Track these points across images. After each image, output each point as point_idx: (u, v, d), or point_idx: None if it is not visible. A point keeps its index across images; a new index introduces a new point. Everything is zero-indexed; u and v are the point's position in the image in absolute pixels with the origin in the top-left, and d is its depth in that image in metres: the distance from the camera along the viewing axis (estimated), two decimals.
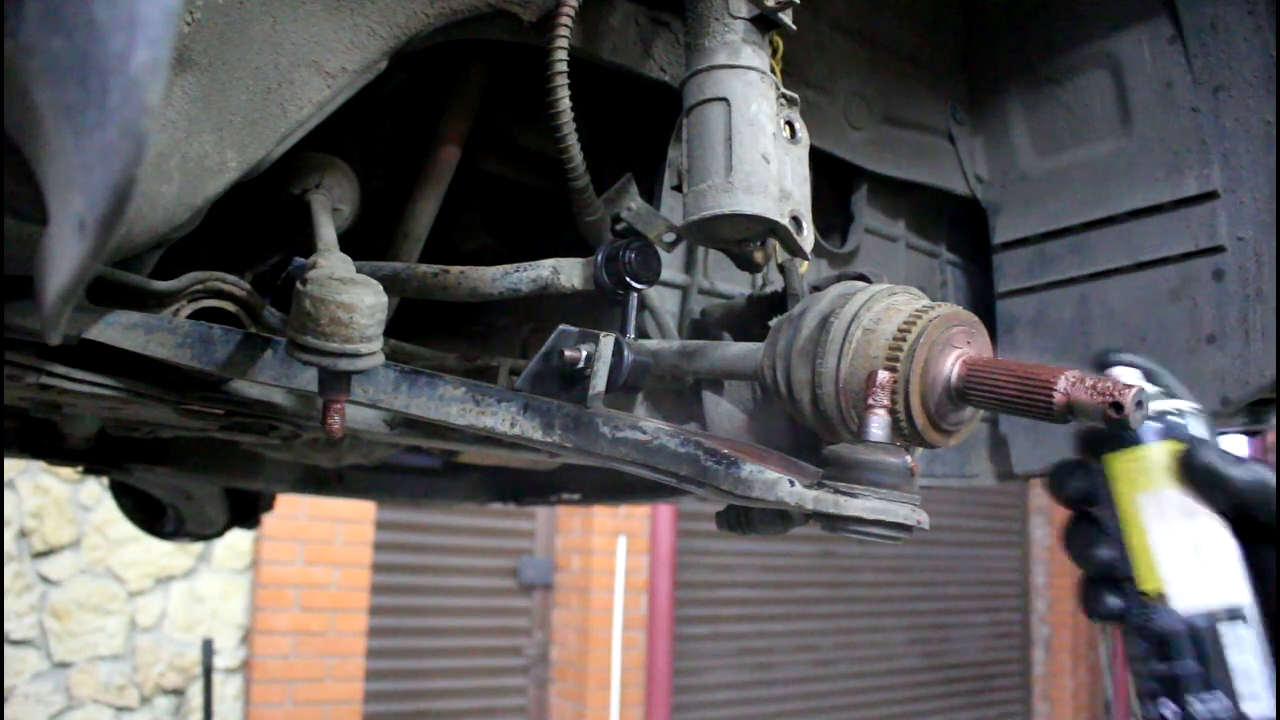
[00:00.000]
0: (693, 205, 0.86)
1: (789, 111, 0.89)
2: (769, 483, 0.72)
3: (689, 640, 6.10)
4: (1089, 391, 0.65)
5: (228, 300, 0.96)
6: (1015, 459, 1.48)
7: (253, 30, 0.79)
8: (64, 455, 1.70)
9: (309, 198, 1.04)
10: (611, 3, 1.02)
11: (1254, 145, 1.20)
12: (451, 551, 5.44)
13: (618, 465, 0.81)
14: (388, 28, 0.87)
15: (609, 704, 5.54)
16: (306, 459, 1.63)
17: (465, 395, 0.86)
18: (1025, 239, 1.44)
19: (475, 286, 0.98)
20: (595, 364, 0.85)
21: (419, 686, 5.25)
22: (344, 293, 0.76)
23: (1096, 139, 1.36)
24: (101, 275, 0.87)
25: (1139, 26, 1.29)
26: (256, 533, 4.46)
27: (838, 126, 1.30)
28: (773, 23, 0.87)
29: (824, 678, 6.71)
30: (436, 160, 1.17)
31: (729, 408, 1.00)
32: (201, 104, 0.77)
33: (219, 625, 4.60)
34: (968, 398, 0.73)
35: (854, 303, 0.79)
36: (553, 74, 0.88)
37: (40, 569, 4.24)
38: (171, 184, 0.77)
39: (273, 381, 0.88)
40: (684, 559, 6.07)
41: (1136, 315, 1.32)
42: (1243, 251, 1.22)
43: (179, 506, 2.22)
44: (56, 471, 4.15)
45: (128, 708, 4.39)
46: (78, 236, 0.43)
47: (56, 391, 0.95)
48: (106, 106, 0.39)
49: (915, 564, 7.17)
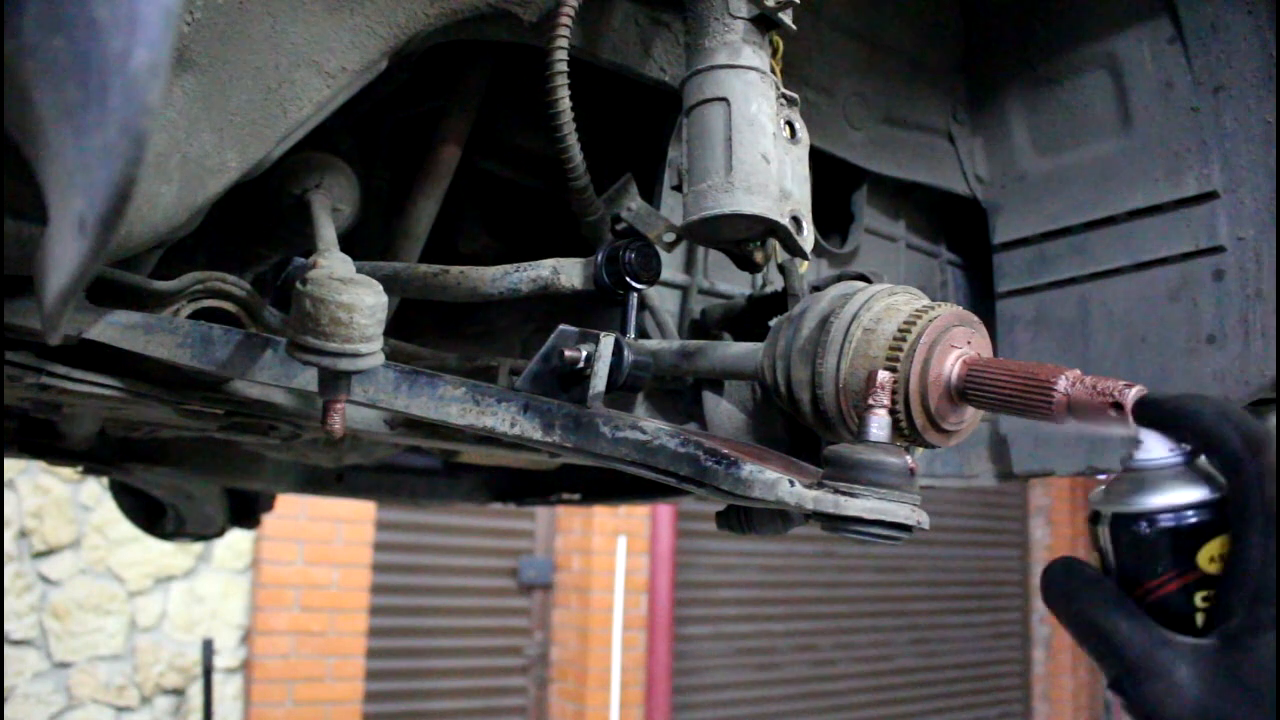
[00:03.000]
0: (693, 205, 0.86)
1: (789, 111, 0.89)
2: (769, 483, 0.72)
3: (689, 640, 6.10)
4: (1089, 391, 0.64)
5: (228, 300, 0.96)
6: (1015, 459, 1.48)
7: (253, 30, 0.79)
8: (64, 455, 1.70)
9: (309, 198, 1.04)
10: (611, 3, 1.02)
11: (1254, 145, 1.20)
12: (451, 551, 5.44)
13: (618, 465, 0.81)
14: (388, 28, 0.87)
15: (609, 704, 5.54)
16: (306, 459, 1.63)
17: (465, 395, 0.86)
18: (1025, 239, 1.44)
19: (475, 286, 0.98)
20: (595, 364, 0.85)
21: (419, 686, 5.25)
22: (344, 293, 0.76)
23: (1096, 139, 1.36)
24: (101, 275, 0.87)
25: (1139, 26, 1.29)
26: (256, 533, 4.46)
27: (838, 126, 1.30)
28: (773, 23, 0.87)
29: (824, 678, 6.70)
30: (436, 160, 1.17)
31: (729, 408, 1.00)
32: (201, 104, 0.77)
33: (219, 625, 4.60)
34: (968, 398, 0.73)
35: (854, 303, 0.79)
36: (553, 74, 0.88)
37: (40, 569, 4.24)
38: (171, 184, 0.77)
39: (273, 381, 0.88)
40: (684, 559, 6.07)
41: (1136, 315, 1.32)
42: (1243, 251, 1.22)
43: (179, 506, 2.22)
44: (56, 471, 4.15)
45: (128, 708, 4.39)
46: (78, 236, 0.43)
47: (56, 391, 0.95)
48: (106, 106, 0.39)
49: (915, 564, 7.17)
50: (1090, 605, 0.57)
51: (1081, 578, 0.59)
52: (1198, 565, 0.56)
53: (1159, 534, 0.57)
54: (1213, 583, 0.56)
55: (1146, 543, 0.57)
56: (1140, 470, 0.59)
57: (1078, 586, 0.59)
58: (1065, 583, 0.59)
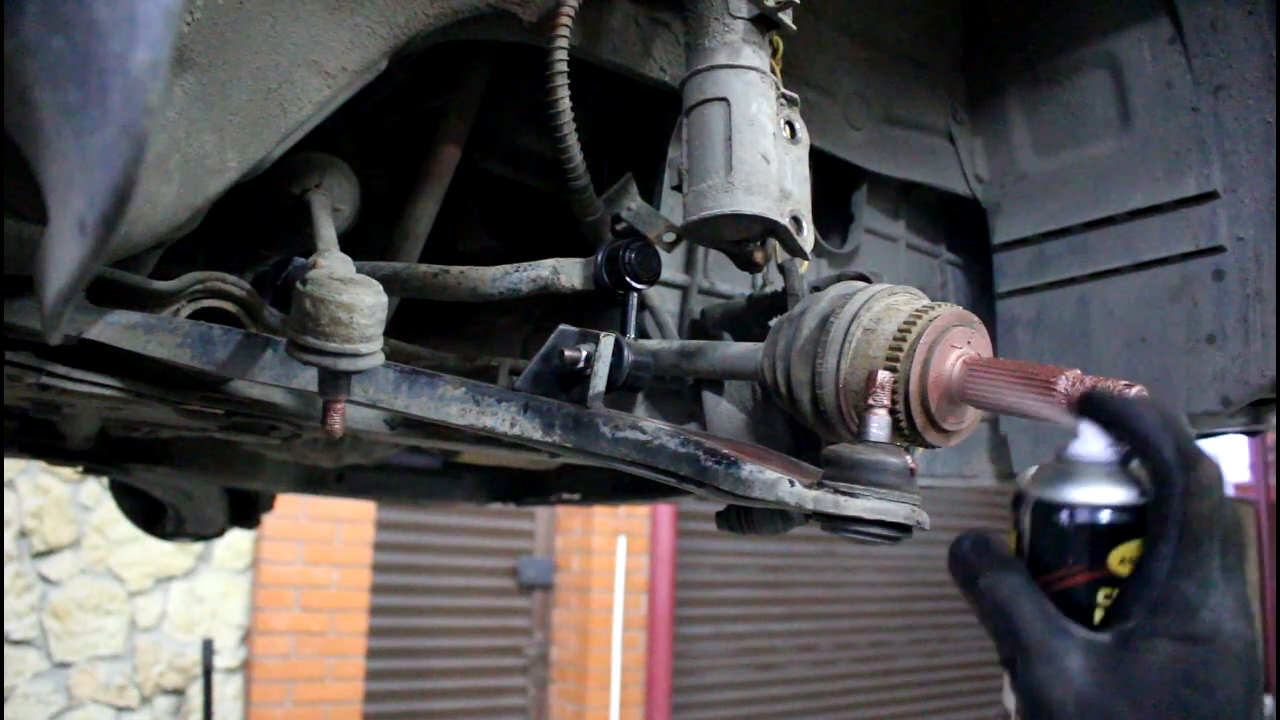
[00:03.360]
0: (693, 205, 0.86)
1: (789, 111, 0.88)
2: (769, 483, 0.72)
3: (689, 640, 6.10)
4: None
5: (228, 300, 0.96)
6: (1015, 459, 1.48)
7: (253, 30, 0.79)
8: (64, 455, 1.70)
9: (309, 198, 1.04)
10: (611, 3, 1.02)
11: (1254, 145, 1.20)
12: (451, 551, 5.44)
13: (618, 465, 0.81)
14: (388, 28, 0.87)
15: (609, 704, 5.54)
16: (306, 459, 1.63)
17: (465, 395, 0.86)
18: (1025, 239, 1.44)
19: (475, 286, 0.98)
20: (595, 364, 0.85)
21: (419, 686, 5.25)
22: (344, 293, 0.76)
23: (1096, 139, 1.36)
24: (101, 275, 0.87)
25: (1139, 26, 1.29)
26: (256, 533, 4.45)
27: (838, 126, 1.30)
28: (773, 23, 0.87)
29: (824, 678, 6.70)
30: (436, 160, 1.17)
31: (729, 408, 1.00)
32: (201, 104, 0.77)
33: (219, 625, 4.60)
34: (968, 398, 0.73)
35: (854, 303, 0.79)
36: (553, 74, 0.88)
37: (40, 569, 4.24)
38: (171, 184, 0.77)
39: (273, 381, 0.88)
40: (684, 559, 6.06)
41: (1136, 315, 1.32)
42: (1243, 251, 1.22)
43: (179, 506, 2.22)
44: (56, 471, 4.15)
45: (128, 708, 4.39)
46: (78, 236, 0.43)
47: (56, 391, 0.95)
48: (106, 106, 0.39)
49: (915, 564, 7.17)
50: (996, 583, 0.59)
51: (990, 555, 0.60)
52: (1107, 564, 0.57)
53: (1076, 527, 0.58)
54: (1118, 583, 0.57)
55: (1063, 533, 0.58)
56: (1072, 462, 0.59)
57: (986, 563, 0.60)
58: (973, 558, 0.61)
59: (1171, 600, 0.54)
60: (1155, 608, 0.55)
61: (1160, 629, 0.54)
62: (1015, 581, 0.58)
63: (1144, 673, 0.53)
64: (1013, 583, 0.58)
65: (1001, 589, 0.58)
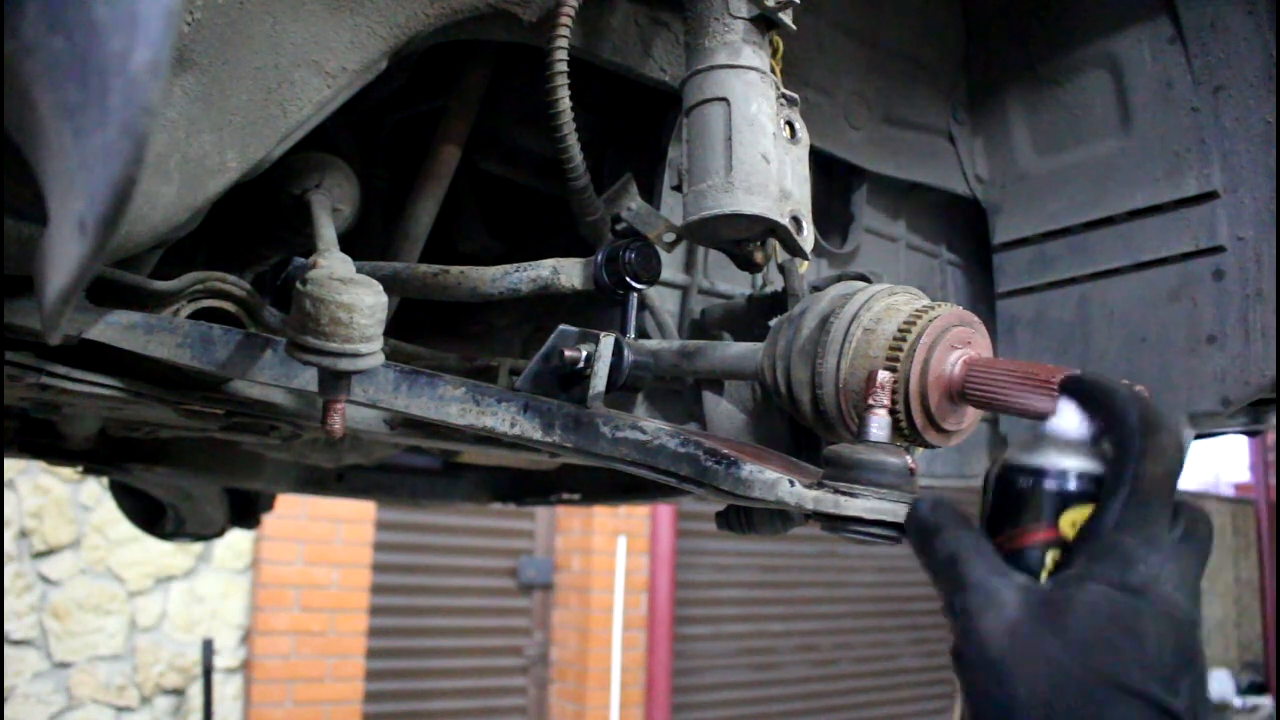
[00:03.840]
0: (693, 205, 0.86)
1: (789, 111, 0.88)
2: (769, 483, 0.72)
3: (689, 640, 6.10)
4: None
5: (228, 300, 0.96)
6: None
7: (253, 30, 0.79)
8: (64, 455, 1.70)
9: (309, 198, 1.04)
10: (611, 3, 1.02)
11: (1254, 145, 1.20)
12: (451, 551, 5.44)
13: (618, 465, 0.81)
14: (388, 28, 0.87)
15: (609, 704, 5.54)
16: (306, 459, 1.63)
17: (465, 395, 0.86)
18: (1025, 239, 1.44)
19: (475, 286, 0.98)
20: (595, 364, 0.85)
21: (419, 686, 5.25)
22: (344, 293, 0.76)
23: (1096, 139, 1.36)
24: (101, 275, 0.87)
25: (1139, 26, 1.28)
26: (256, 533, 4.46)
27: (838, 126, 1.30)
28: (773, 23, 0.87)
29: (824, 678, 6.70)
30: (436, 160, 1.17)
31: (729, 408, 1.00)
32: (201, 104, 0.77)
33: (219, 625, 4.60)
34: (968, 398, 0.73)
35: (854, 303, 0.79)
36: (553, 74, 0.88)
37: (40, 569, 4.24)
38: (171, 184, 0.77)
39: (273, 381, 0.88)
40: (684, 559, 6.07)
41: (1136, 315, 1.31)
42: (1243, 251, 1.22)
43: (179, 506, 2.22)
44: (56, 471, 4.15)
45: (128, 708, 4.39)
46: (78, 236, 0.43)
47: (56, 391, 0.95)
48: (106, 106, 0.39)
49: (915, 564, 7.14)
50: (948, 538, 0.61)
51: (946, 515, 0.62)
52: (1058, 526, 0.59)
53: (1035, 489, 0.60)
54: (1066, 546, 0.59)
55: (1020, 495, 0.61)
56: (1045, 435, 0.62)
57: (942, 522, 0.62)
58: (930, 519, 0.63)
59: (1112, 551, 0.56)
60: (1095, 555, 0.56)
61: (1096, 573, 0.56)
62: (967, 537, 0.60)
63: (1075, 609, 0.55)
64: (965, 538, 0.60)
65: (951, 543, 0.60)
